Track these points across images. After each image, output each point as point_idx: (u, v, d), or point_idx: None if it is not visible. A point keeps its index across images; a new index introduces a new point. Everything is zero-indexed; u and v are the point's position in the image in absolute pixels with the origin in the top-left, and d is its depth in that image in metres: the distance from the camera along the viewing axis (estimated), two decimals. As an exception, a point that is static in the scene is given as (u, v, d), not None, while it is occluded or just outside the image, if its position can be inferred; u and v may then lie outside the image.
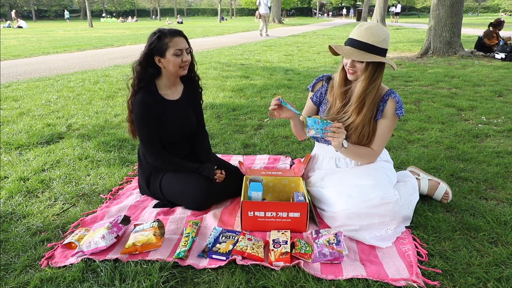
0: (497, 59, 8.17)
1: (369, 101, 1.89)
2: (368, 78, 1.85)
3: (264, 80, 6.08)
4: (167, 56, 1.96)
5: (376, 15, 19.87)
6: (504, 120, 3.76)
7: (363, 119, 1.91)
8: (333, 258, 1.59)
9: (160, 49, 1.95)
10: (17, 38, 16.33)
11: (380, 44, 1.80)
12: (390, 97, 1.92)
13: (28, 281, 1.52)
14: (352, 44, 1.83)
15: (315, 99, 2.13)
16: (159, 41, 1.95)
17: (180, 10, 72.53)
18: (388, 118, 1.93)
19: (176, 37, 1.96)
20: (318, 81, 2.13)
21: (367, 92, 1.87)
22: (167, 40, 1.95)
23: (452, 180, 2.44)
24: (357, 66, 1.84)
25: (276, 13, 31.70)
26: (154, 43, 1.96)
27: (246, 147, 3.14)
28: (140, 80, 2.01)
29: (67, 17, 43.47)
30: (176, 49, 1.95)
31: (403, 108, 1.94)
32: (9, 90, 5.40)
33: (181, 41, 1.98)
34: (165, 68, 2.01)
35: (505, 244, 1.77)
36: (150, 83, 2.05)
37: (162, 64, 2.00)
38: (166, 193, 2.11)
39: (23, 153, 2.97)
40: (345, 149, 1.88)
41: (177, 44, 1.96)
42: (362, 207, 1.75)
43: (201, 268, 1.59)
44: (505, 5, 60.26)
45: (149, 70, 2.01)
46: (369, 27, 1.82)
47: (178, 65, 1.98)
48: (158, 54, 1.97)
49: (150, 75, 2.03)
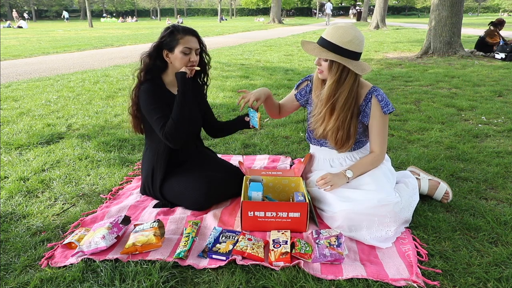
0: (497, 59, 8.17)
1: (340, 103, 1.86)
2: (333, 79, 1.82)
3: (264, 80, 6.08)
4: (176, 52, 1.95)
5: (376, 15, 19.86)
6: (504, 120, 3.76)
7: (337, 122, 1.89)
8: (334, 259, 1.59)
9: (169, 44, 1.95)
10: (17, 38, 16.33)
11: (345, 44, 1.77)
12: (372, 95, 1.89)
13: (28, 281, 1.52)
14: (319, 41, 1.86)
15: (299, 97, 2.16)
16: (170, 36, 1.95)
17: (180, 10, 72.51)
18: (377, 118, 1.90)
19: (188, 35, 1.96)
20: (304, 81, 2.15)
21: (336, 95, 1.85)
22: (179, 36, 1.94)
23: (452, 180, 2.44)
24: (322, 64, 1.84)
25: (276, 13, 31.72)
26: (165, 37, 1.95)
27: (246, 147, 3.14)
28: (147, 71, 1.99)
29: (66, 17, 43.11)
30: (185, 47, 1.94)
31: (390, 103, 1.90)
32: (9, 90, 5.40)
33: (193, 40, 1.97)
34: (172, 64, 2.00)
35: (505, 244, 1.77)
36: (156, 77, 2.03)
37: (169, 59, 1.99)
38: (167, 195, 2.10)
39: (23, 153, 2.97)
40: (353, 176, 1.90)
41: (187, 42, 1.94)
42: (362, 208, 1.75)
43: (201, 268, 1.59)
44: (505, 5, 60.24)
45: (157, 63, 1.99)
46: (338, 26, 1.81)
47: (185, 63, 1.97)
48: (167, 48, 1.96)
49: (158, 68, 2.01)
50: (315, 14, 62.33)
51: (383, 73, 6.64)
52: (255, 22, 37.40)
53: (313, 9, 66.45)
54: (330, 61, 1.80)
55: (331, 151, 2.08)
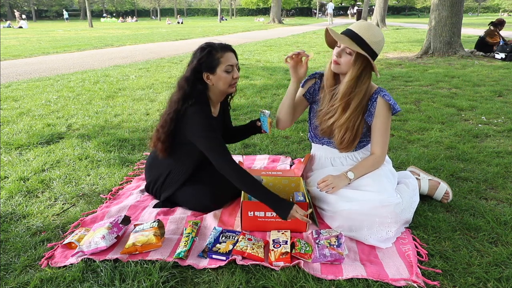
0: (497, 59, 8.17)
1: (355, 104, 1.85)
2: (354, 75, 1.80)
3: (264, 80, 6.08)
4: (218, 72, 1.84)
5: (376, 15, 19.86)
6: (504, 120, 3.76)
7: (347, 121, 1.88)
8: (334, 259, 1.59)
9: (210, 65, 1.83)
10: (17, 38, 16.33)
11: (373, 44, 1.78)
12: (379, 95, 1.88)
13: (28, 281, 1.52)
14: (348, 33, 1.81)
15: (308, 96, 2.09)
16: (209, 56, 1.83)
17: (180, 10, 72.57)
18: (382, 117, 1.89)
19: (227, 52, 1.85)
20: (311, 78, 2.08)
21: (352, 94, 1.84)
22: (219, 55, 1.83)
23: (452, 180, 2.44)
24: (342, 58, 1.81)
25: (276, 13, 31.71)
26: (203, 58, 1.83)
27: (246, 147, 3.14)
28: (187, 97, 1.85)
29: (66, 17, 43.03)
30: (228, 65, 1.84)
31: (397, 104, 1.91)
32: (9, 90, 5.40)
33: (232, 57, 1.87)
34: (214, 85, 1.89)
35: (505, 244, 1.77)
36: (203, 97, 1.89)
37: (210, 81, 1.87)
38: (173, 198, 2.10)
39: (23, 153, 2.98)
40: (355, 177, 1.88)
41: (228, 60, 1.84)
42: (363, 208, 1.75)
43: (201, 268, 1.59)
44: (505, 5, 60.24)
45: (198, 87, 1.87)
46: (370, 24, 1.82)
47: (229, 82, 1.87)
48: (207, 71, 1.85)
49: (199, 92, 1.88)
50: (315, 14, 62.33)
51: (383, 73, 6.65)
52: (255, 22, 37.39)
53: (313, 9, 66.47)
54: (356, 56, 1.77)
55: (333, 150, 2.08)
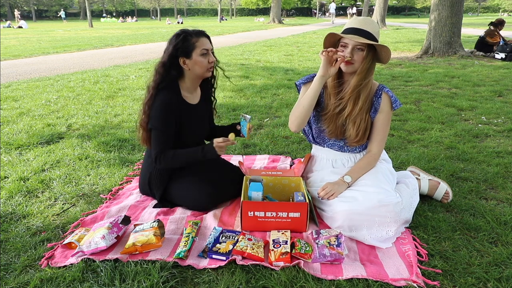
0: (497, 59, 8.17)
1: (364, 95, 1.89)
2: (364, 71, 1.84)
3: (264, 80, 6.08)
4: (194, 57, 1.90)
5: (376, 15, 19.87)
6: (504, 120, 3.76)
7: (360, 111, 1.90)
8: (333, 259, 1.59)
9: (186, 50, 1.89)
10: (17, 38, 16.33)
11: (377, 35, 1.85)
12: (383, 91, 1.94)
13: (28, 281, 1.52)
14: (353, 32, 1.82)
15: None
16: (184, 42, 1.89)
17: (180, 10, 72.52)
18: (385, 112, 1.94)
19: (201, 37, 1.92)
20: (310, 81, 2.04)
21: (361, 86, 1.87)
22: (194, 40, 1.89)
23: (452, 180, 2.44)
24: (355, 56, 1.83)
25: (276, 13, 31.70)
26: (179, 44, 1.89)
27: (246, 147, 3.14)
28: (161, 81, 1.93)
29: (63, 17, 42.37)
30: (203, 49, 1.90)
31: (398, 99, 1.96)
32: (9, 90, 5.40)
33: (207, 42, 1.94)
34: (190, 70, 1.95)
35: (505, 244, 1.77)
36: (172, 85, 1.97)
37: (187, 65, 1.93)
38: (169, 197, 2.11)
39: (23, 153, 2.97)
40: (352, 180, 1.90)
41: (203, 44, 1.91)
42: (362, 208, 1.75)
43: (201, 268, 1.59)
44: (505, 5, 60.24)
45: (172, 72, 1.94)
46: (367, 18, 1.88)
47: (206, 66, 1.94)
48: (183, 55, 1.91)
49: (172, 77, 1.95)
50: (315, 14, 62.33)
51: (383, 73, 6.65)
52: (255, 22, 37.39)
53: (313, 9, 66.45)
54: (367, 50, 1.81)
55: (334, 151, 2.08)
